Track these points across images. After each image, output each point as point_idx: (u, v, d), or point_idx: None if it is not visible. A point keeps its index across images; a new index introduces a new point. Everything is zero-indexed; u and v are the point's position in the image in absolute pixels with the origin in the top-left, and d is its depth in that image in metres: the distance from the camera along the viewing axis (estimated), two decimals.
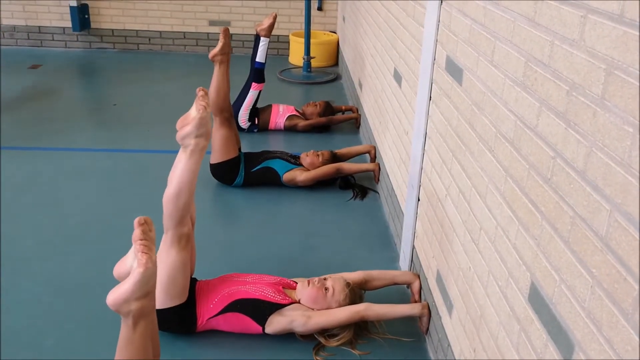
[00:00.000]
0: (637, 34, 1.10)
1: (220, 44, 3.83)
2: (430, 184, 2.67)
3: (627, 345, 1.11)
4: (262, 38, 4.76)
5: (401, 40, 3.44)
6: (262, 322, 2.55)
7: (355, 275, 2.72)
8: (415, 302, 2.75)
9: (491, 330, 1.84)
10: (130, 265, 1.51)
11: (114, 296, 1.50)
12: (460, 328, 2.16)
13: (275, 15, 4.80)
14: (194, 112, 2.20)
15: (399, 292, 2.94)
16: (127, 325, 1.53)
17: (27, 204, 3.74)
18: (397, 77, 3.52)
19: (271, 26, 4.74)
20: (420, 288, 2.75)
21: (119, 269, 1.56)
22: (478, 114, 2.02)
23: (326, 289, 2.58)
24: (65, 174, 4.21)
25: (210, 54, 3.86)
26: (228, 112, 3.89)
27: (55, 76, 6.50)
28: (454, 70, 2.32)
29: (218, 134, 3.89)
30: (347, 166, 4.11)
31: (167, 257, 2.38)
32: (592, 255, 1.24)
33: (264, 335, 2.59)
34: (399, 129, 3.41)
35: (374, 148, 4.29)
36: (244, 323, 2.56)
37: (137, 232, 1.51)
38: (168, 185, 2.29)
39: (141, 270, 1.47)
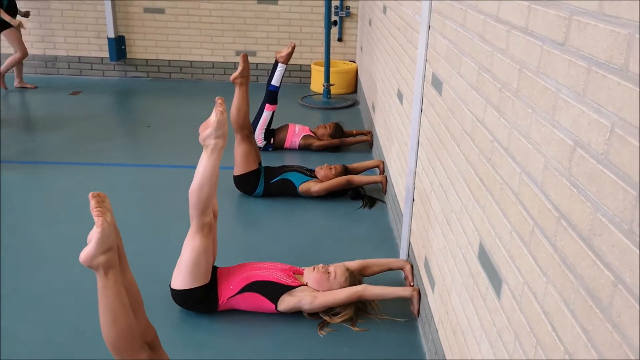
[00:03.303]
0: (537, 43, 1.52)
1: (240, 68, 4.31)
2: (421, 184, 3.07)
3: (529, 269, 1.50)
4: (280, 64, 5.23)
5: (403, 63, 3.88)
6: (274, 301, 2.95)
7: (354, 263, 3.13)
8: (410, 284, 3.14)
9: (457, 291, 2.23)
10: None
11: (83, 254, 1.89)
12: (439, 299, 2.55)
13: (294, 45, 5.28)
14: (213, 117, 2.65)
15: (395, 281, 3.32)
16: (100, 276, 1.91)
17: (74, 209, 4.22)
18: (400, 96, 3.95)
19: (289, 55, 5.22)
20: (412, 270, 3.14)
21: (88, 237, 1.93)
22: (451, 117, 2.43)
23: (328, 272, 2.99)
24: (106, 185, 4.69)
25: (232, 77, 4.34)
26: (248, 129, 4.34)
27: (94, 102, 7.07)
28: (437, 84, 2.74)
29: (240, 149, 4.34)
30: (357, 178, 4.52)
31: (192, 243, 2.81)
32: (511, 208, 1.64)
33: (276, 314, 2.99)
34: (401, 141, 3.83)
35: (383, 162, 4.71)
36: (259, 302, 2.97)
37: (92, 203, 1.91)
38: (193, 180, 2.73)
39: (99, 229, 1.86)
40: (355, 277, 3.04)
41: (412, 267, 3.17)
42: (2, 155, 5.17)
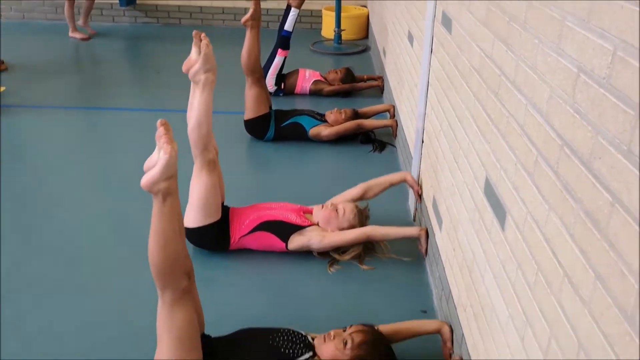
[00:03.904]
0: None
1: (251, 10, 4.28)
2: (430, 125, 3.08)
3: (532, 198, 1.53)
4: (292, 8, 5.19)
5: (414, 4, 3.84)
6: (285, 239, 3.01)
7: (356, 190, 3.25)
8: (419, 194, 3.25)
9: (464, 227, 2.26)
10: (156, 158, 1.93)
11: (146, 179, 1.90)
12: (446, 237, 2.59)
13: None
14: (194, 54, 2.64)
15: (403, 222, 3.37)
16: (158, 201, 1.93)
17: (88, 152, 4.29)
18: (410, 38, 3.92)
19: None
20: (418, 184, 3.27)
21: (147, 164, 1.95)
22: (460, 54, 2.43)
23: (337, 210, 3.04)
24: (117, 129, 4.73)
25: (243, 20, 4.30)
26: (259, 73, 4.33)
27: (104, 47, 7.05)
28: (446, 22, 2.72)
29: (250, 92, 4.34)
30: (368, 122, 4.52)
31: (199, 181, 2.86)
32: (516, 140, 1.66)
33: (286, 254, 3.05)
34: (411, 83, 3.82)
35: (393, 107, 4.70)
36: (270, 241, 3.03)
37: (160, 130, 1.91)
38: (188, 120, 2.77)
39: (167, 156, 1.86)
40: (363, 214, 3.10)
41: (414, 180, 3.28)
42: (12, 100, 5.23)
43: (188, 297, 2.04)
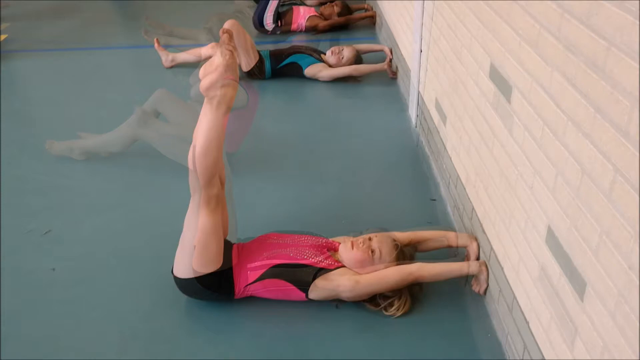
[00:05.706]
0: None
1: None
2: (428, 33, 3.33)
3: (536, 67, 1.80)
4: None
5: None
6: (305, 288, 2.32)
7: (404, 235, 2.52)
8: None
9: (469, 114, 2.54)
10: (217, 62, 2.08)
11: (205, 83, 2.06)
12: (451, 129, 2.87)
13: None
14: (218, 58, 2.08)
15: (405, 129, 3.64)
16: (211, 106, 2.06)
17: (94, 87, 4.53)
18: None
19: None
20: (478, 247, 2.49)
21: (207, 69, 2.08)
22: None
23: (372, 251, 2.36)
24: (124, 66, 4.98)
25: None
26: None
27: None
28: None
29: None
30: (363, 67, 4.54)
31: (195, 222, 2.23)
32: (519, 20, 1.92)
33: (307, 303, 2.36)
34: (408, 5, 4.05)
35: (391, 50, 4.66)
36: (285, 290, 2.34)
37: (224, 37, 2.08)
38: (193, 141, 2.14)
39: (225, 62, 2.02)
40: (405, 255, 2.42)
41: (477, 250, 2.48)
42: (18, 45, 5.45)
43: (218, 202, 2.20)
